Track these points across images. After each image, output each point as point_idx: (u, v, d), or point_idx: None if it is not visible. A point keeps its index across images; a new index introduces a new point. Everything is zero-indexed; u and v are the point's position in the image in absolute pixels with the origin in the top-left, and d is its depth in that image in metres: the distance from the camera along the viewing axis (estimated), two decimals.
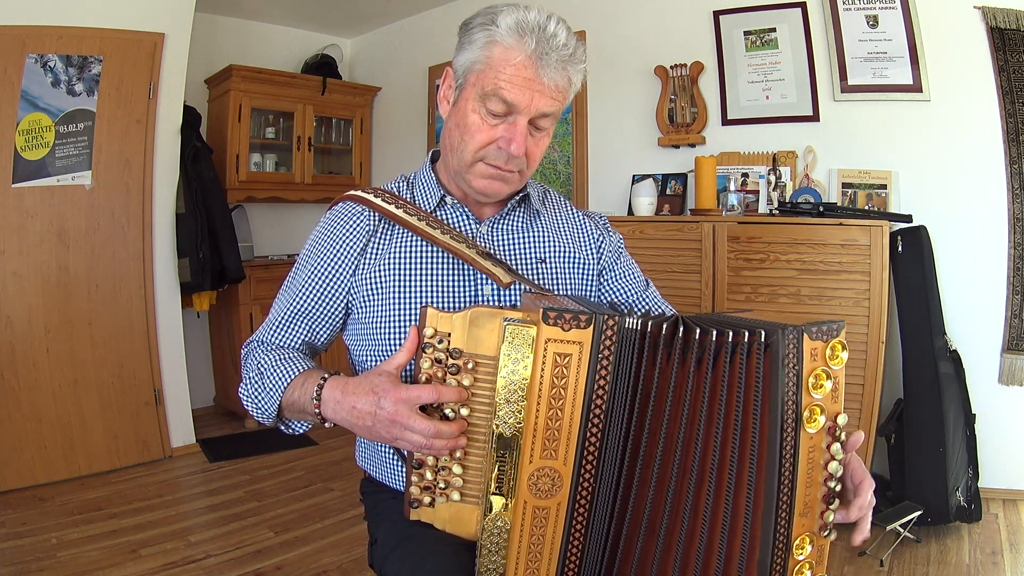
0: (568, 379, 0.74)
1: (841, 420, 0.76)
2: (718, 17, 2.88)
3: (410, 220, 0.97)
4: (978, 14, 2.38)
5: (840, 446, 0.76)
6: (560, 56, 0.89)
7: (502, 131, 0.92)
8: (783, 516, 0.76)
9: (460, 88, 0.95)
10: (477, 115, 0.92)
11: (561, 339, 0.74)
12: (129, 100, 2.88)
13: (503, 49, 0.89)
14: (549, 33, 0.88)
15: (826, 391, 0.75)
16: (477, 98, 0.92)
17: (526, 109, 0.90)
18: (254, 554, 2.18)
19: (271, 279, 3.64)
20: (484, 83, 0.90)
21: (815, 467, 0.76)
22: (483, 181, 0.96)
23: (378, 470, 1.06)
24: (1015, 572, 2.01)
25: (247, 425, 3.54)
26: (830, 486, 0.77)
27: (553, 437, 0.75)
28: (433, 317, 0.79)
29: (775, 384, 0.73)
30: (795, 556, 0.77)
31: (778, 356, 0.73)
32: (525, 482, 0.76)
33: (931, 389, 2.30)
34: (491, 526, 0.79)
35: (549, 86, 0.90)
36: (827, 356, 0.75)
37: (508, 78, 0.89)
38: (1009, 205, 2.39)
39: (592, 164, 3.34)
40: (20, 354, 2.68)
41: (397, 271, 0.97)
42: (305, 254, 1.04)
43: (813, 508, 0.77)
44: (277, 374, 0.92)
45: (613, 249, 1.13)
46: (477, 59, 0.91)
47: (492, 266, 0.95)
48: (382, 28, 4.30)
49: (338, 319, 1.02)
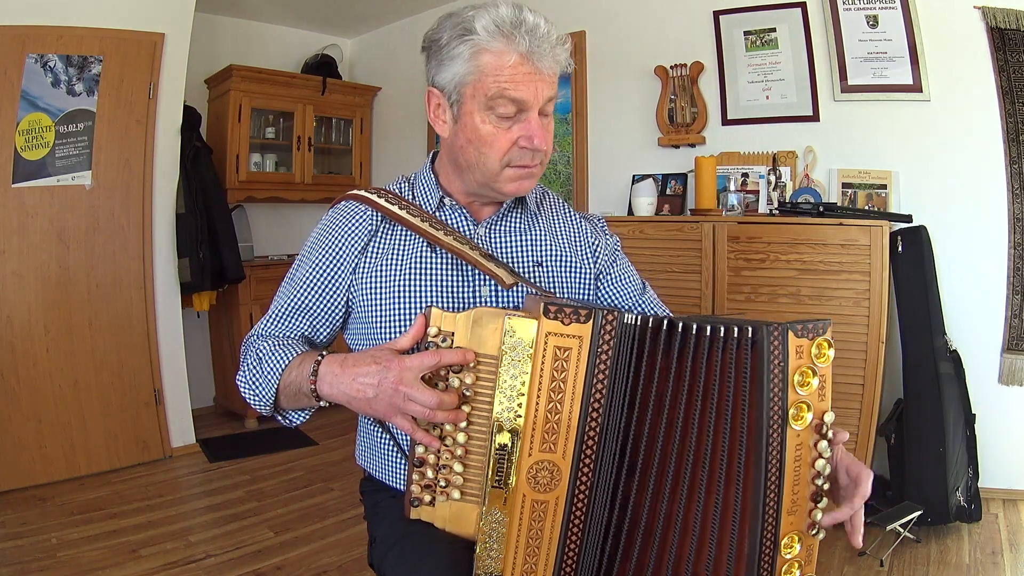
0: (568, 373, 0.75)
1: (828, 418, 0.76)
2: (718, 17, 2.88)
3: (413, 221, 0.97)
4: (978, 14, 2.38)
5: (828, 444, 0.77)
6: (548, 43, 0.90)
7: (518, 131, 0.92)
8: (771, 513, 0.76)
9: (457, 104, 0.93)
10: (488, 124, 0.92)
11: (561, 333, 0.75)
12: (129, 100, 2.88)
13: (493, 54, 0.89)
14: (530, 25, 0.89)
15: (812, 388, 0.76)
16: (482, 108, 0.91)
17: (535, 101, 0.91)
18: (254, 554, 2.18)
19: (271, 279, 3.64)
20: (485, 90, 0.90)
21: (803, 465, 0.77)
22: (514, 184, 0.97)
23: (378, 468, 1.06)
24: (1015, 572, 2.01)
25: (247, 425, 3.54)
26: (818, 484, 0.77)
27: (552, 430, 0.76)
28: (437, 316, 0.80)
29: (760, 380, 0.74)
30: (783, 555, 0.77)
31: (763, 352, 0.74)
32: (524, 475, 0.77)
33: (931, 389, 2.30)
34: (490, 519, 0.79)
35: (547, 73, 0.91)
36: (813, 354, 0.76)
37: (509, 78, 0.89)
38: (1009, 205, 2.39)
39: (592, 164, 3.34)
40: (20, 354, 2.68)
41: (398, 271, 0.97)
42: (307, 250, 1.04)
43: (801, 506, 0.78)
44: (275, 358, 0.92)
45: (609, 252, 1.13)
46: (467, 71, 0.90)
47: (495, 268, 0.95)
48: (382, 28, 4.30)
49: (338, 316, 1.02)
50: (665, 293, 2.58)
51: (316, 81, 3.94)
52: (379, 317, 0.97)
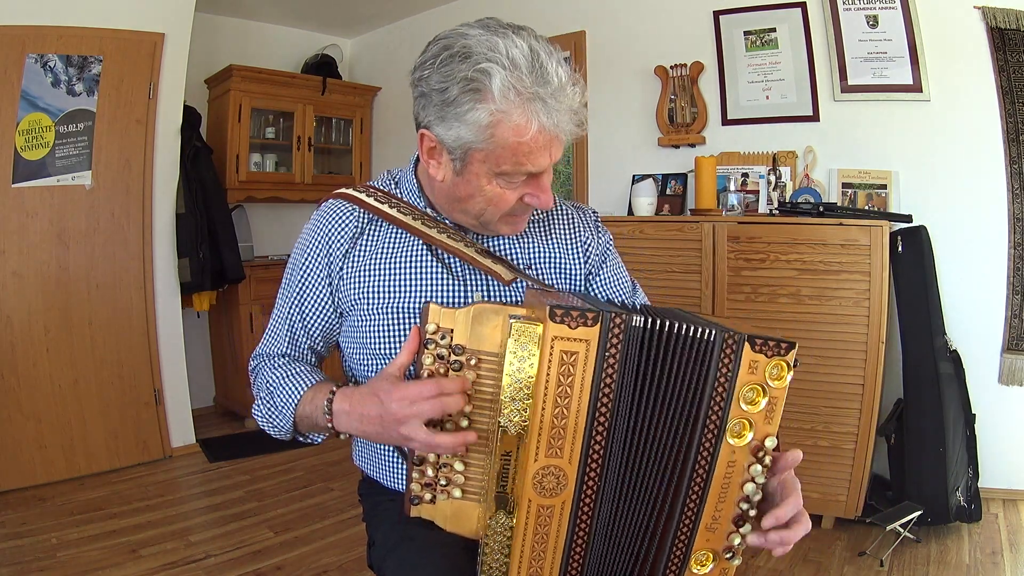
0: (575, 377, 0.73)
1: (769, 443, 0.74)
2: (718, 17, 2.88)
3: (404, 219, 0.95)
4: (978, 14, 2.38)
5: (761, 469, 0.74)
6: (570, 105, 0.82)
7: (524, 188, 0.89)
8: (686, 523, 0.76)
9: (462, 162, 0.86)
10: (495, 186, 0.87)
11: (568, 337, 0.72)
12: (129, 100, 2.88)
13: (512, 129, 0.80)
14: (553, 84, 0.79)
15: (759, 408, 0.74)
16: (491, 173, 0.86)
17: (548, 165, 0.87)
18: (254, 554, 2.18)
19: (271, 279, 3.64)
20: (499, 163, 0.84)
21: (732, 484, 0.75)
22: (509, 227, 0.96)
23: (376, 469, 1.05)
24: (1015, 572, 2.01)
25: (247, 425, 3.54)
26: (743, 508, 0.75)
27: (559, 436, 0.74)
28: (436, 313, 0.78)
29: (703, 385, 0.73)
30: (693, 569, 0.77)
31: (713, 358, 0.73)
32: (530, 480, 0.75)
33: (931, 389, 2.30)
34: (495, 525, 0.78)
35: (564, 135, 0.84)
36: (768, 373, 0.73)
37: (527, 153, 0.82)
38: (1009, 205, 2.39)
39: (592, 164, 3.34)
40: (20, 354, 2.68)
41: (387, 271, 0.95)
42: (292, 259, 1.03)
43: (722, 525, 0.76)
44: (285, 392, 0.93)
45: (600, 252, 1.09)
46: (480, 140, 0.82)
47: (492, 263, 0.93)
48: (382, 28, 4.29)
49: (335, 322, 1.01)
50: (665, 293, 2.59)
51: (316, 81, 3.94)
52: (370, 319, 0.95)
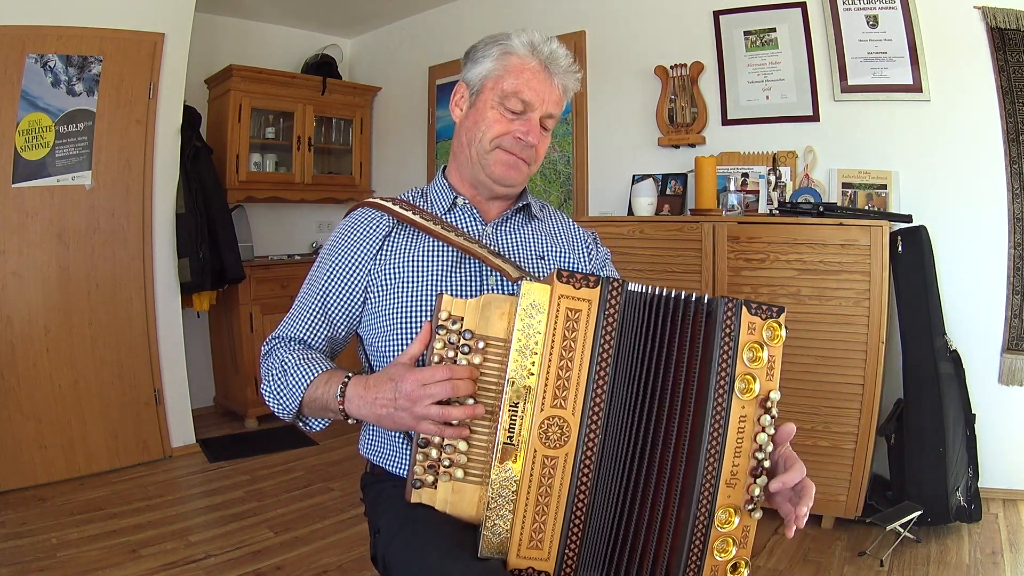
0: (578, 332, 0.80)
1: (774, 395, 0.81)
2: (718, 17, 2.88)
3: (425, 223, 1.07)
4: (978, 14, 2.38)
5: (771, 420, 0.81)
6: (564, 66, 1.09)
7: (518, 125, 1.07)
8: (709, 481, 0.80)
9: (476, 94, 1.10)
10: (496, 111, 1.08)
11: (572, 295, 0.81)
12: (129, 100, 2.88)
13: (518, 59, 1.07)
14: (555, 48, 1.09)
15: (762, 363, 0.81)
16: (496, 100, 1.07)
17: (539, 107, 1.07)
18: (254, 554, 2.18)
19: (271, 279, 3.64)
20: (503, 86, 1.06)
21: (745, 437, 0.80)
22: (500, 167, 1.10)
23: (383, 457, 1.11)
24: (1015, 572, 2.01)
25: (247, 425, 3.54)
26: (758, 458, 0.81)
27: (563, 387, 0.80)
28: (448, 302, 0.85)
29: (711, 347, 0.81)
30: (718, 528, 0.80)
31: (717, 321, 0.81)
32: (536, 430, 0.80)
33: (931, 389, 2.30)
34: (500, 476, 0.81)
35: (557, 86, 1.08)
36: (764, 334, 0.81)
37: (526, 81, 1.06)
38: (1009, 205, 2.39)
39: (592, 164, 3.34)
40: (20, 354, 2.68)
41: (411, 266, 1.06)
42: (325, 252, 1.13)
43: (740, 480, 0.81)
44: (300, 372, 0.99)
45: (600, 261, 1.24)
46: (493, 68, 1.07)
47: (502, 263, 1.03)
48: (382, 28, 4.30)
49: (356, 313, 1.10)
50: None
51: (316, 81, 3.94)
52: (394, 307, 1.05)
